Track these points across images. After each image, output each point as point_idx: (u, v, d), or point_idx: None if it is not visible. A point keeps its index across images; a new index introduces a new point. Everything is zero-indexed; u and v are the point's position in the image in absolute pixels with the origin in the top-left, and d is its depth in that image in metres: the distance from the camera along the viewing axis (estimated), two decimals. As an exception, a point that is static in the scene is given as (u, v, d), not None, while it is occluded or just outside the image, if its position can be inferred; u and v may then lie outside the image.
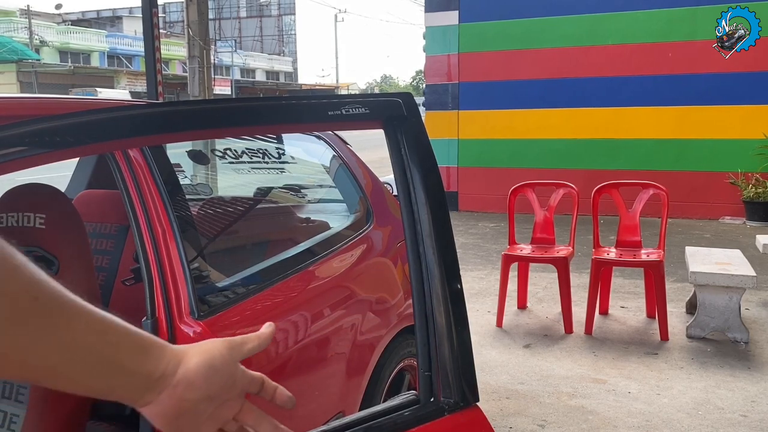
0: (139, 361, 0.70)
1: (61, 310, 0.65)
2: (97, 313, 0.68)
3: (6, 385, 1.56)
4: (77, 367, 0.66)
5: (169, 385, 0.72)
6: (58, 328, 0.64)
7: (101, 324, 0.68)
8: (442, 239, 1.09)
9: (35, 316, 0.62)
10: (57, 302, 0.65)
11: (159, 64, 8.88)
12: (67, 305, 0.65)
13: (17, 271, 0.62)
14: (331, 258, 2.38)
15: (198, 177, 3.22)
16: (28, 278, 0.63)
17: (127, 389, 0.71)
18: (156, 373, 0.71)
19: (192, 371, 0.73)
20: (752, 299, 5.18)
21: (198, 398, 0.74)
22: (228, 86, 35.69)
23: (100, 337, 0.67)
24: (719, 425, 3.27)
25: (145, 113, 1.02)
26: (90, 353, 0.66)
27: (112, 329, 0.69)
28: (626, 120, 9.45)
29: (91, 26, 43.46)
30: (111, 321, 0.69)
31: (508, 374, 3.92)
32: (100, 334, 0.67)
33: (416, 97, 2.25)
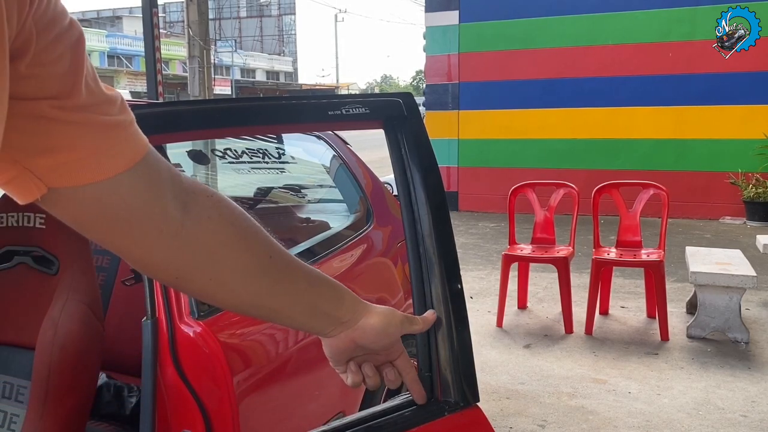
0: (335, 308, 0.91)
1: (288, 267, 0.86)
2: (310, 269, 0.89)
3: (6, 385, 1.56)
4: (296, 309, 0.89)
5: (349, 328, 0.92)
6: (284, 281, 0.85)
7: (313, 278, 0.89)
8: (442, 239, 1.09)
9: (271, 269, 0.83)
10: (285, 260, 0.85)
11: (159, 64, 8.88)
12: (291, 262, 0.86)
13: (259, 235, 0.83)
14: (331, 258, 2.38)
15: (198, 177, 3.22)
16: (265, 240, 0.83)
17: (323, 326, 0.92)
18: (344, 318, 0.92)
19: (369, 326, 0.93)
20: (752, 299, 5.18)
21: (364, 345, 0.94)
22: (228, 86, 35.70)
23: (312, 288, 0.88)
24: (719, 425, 3.27)
25: (146, 113, 1.02)
26: (304, 299, 0.88)
27: (319, 281, 0.89)
28: (626, 120, 9.44)
29: (91, 26, 43.45)
30: (318, 275, 0.90)
31: (509, 374, 3.92)
32: (312, 285, 0.88)
33: (416, 97, 2.24)
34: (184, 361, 1.56)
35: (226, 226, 0.79)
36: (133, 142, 0.70)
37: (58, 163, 0.66)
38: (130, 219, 0.71)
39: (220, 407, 1.60)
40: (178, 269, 0.77)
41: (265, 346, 1.95)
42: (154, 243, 0.74)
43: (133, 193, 0.70)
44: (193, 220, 0.75)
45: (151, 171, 0.72)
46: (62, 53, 0.63)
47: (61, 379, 1.44)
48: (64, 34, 0.63)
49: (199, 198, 0.77)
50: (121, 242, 0.74)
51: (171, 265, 0.77)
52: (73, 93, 0.64)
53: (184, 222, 0.74)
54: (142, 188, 0.71)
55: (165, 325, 1.58)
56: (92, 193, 0.68)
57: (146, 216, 0.72)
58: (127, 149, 0.69)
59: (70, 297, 1.49)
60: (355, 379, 0.96)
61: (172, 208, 0.73)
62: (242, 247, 0.80)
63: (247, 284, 0.82)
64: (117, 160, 0.68)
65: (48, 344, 1.46)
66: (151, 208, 0.72)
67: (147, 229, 0.73)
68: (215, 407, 1.58)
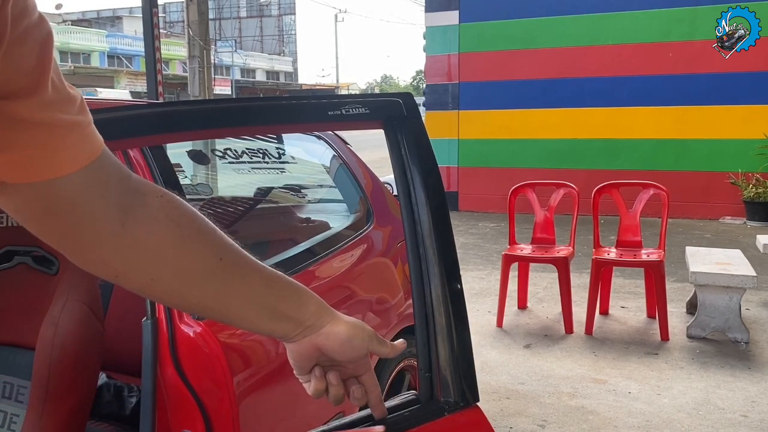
0: (296, 310, 0.87)
1: (239, 269, 0.82)
2: (269, 271, 0.85)
3: (6, 385, 1.56)
4: (251, 311, 0.84)
5: (313, 333, 0.88)
6: (235, 283, 0.82)
7: (271, 280, 0.85)
8: (442, 239, 1.09)
9: (220, 272, 0.80)
10: (238, 262, 0.82)
11: (159, 64, 8.88)
12: (246, 264, 0.83)
13: (209, 237, 0.80)
14: (331, 258, 2.38)
15: (198, 177, 3.22)
16: (216, 242, 0.80)
17: (285, 329, 0.88)
18: (308, 321, 0.88)
19: (334, 333, 0.89)
20: (752, 299, 5.18)
21: (328, 354, 0.90)
22: (228, 86, 35.68)
23: (269, 289, 0.85)
24: (720, 425, 3.27)
25: (146, 113, 1.02)
26: (260, 301, 0.84)
27: (278, 283, 0.86)
28: (626, 120, 9.44)
29: (92, 26, 43.46)
30: (278, 276, 0.86)
31: (509, 374, 3.92)
32: (269, 287, 0.85)
33: (416, 97, 2.24)
34: (184, 361, 1.56)
35: (171, 227, 0.77)
36: (88, 142, 0.70)
37: (13, 159, 0.66)
38: (72, 216, 0.72)
39: (220, 407, 1.60)
40: (117, 268, 0.77)
41: (265, 346, 1.95)
42: (93, 240, 0.74)
43: (80, 192, 0.71)
44: (137, 220, 0.75)
45: (102, 171, 0.72)
46: (31, 48, 0.62)
47: (61, 379, 1.44)
48: (34, 28, 0.63)
49: (147, 199, 0.77)
50: (59, 238, 0.74)
51: (109, 263, 0.76)
52: (38, 90, 0.64)
53: (126, 222, 0.74)
54: (90, 187, 0.71)
55: (165, 325, 1.58)
56: (41, 190, 0.68)
57: (88, 214, 0.72)
58: (81, 149, 0.69)
59: (70, 297, 1.49)
60: (318, 385, 0.91)
61: (115, 208, 0.74)
62: (187, 249, 0.78)
63: (191, 287, 0.80)
64: (71, 159, 0.68)
65: (48, 344, 1.46)
66: (94, 207, 0.72)
67: (86, 227, 0.73)
68: (215, 407, 1.58)
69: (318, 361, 0.91)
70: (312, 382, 0.92)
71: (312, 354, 0.90)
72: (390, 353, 0.95)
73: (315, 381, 0.91)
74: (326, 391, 0.92)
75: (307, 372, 0.92)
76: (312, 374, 0.91)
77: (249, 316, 0.86)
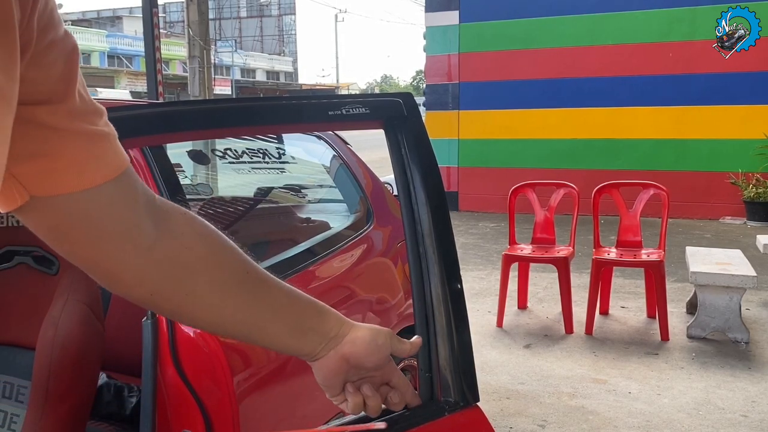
0: (319, 322, 0.87)
1: (264, 283, 0.84)
2: (287, 285, 0.87)
3: (6, 385, 1.56)
4: (279, 325, 0.85)
5: (339, 344, 0.88)
6: (263, 295, 0.84)
7: (292, 294, 0.86)
8: (442, 239, 1.09)
9: (248, 283, 0.82)
10: (261, 275, 0.84)
11: (159, 64, 8.88)
12: (267, 279, 0.84)
13: (233, 251, 0.82)
14: (331, 258, 2.38)
15: (198, 177, 3.22)
16: (240, 256, 0.82)
17: (311, 345, 0.87)
18: (331, 332, 0.88)
19: (359, 338, 0.89)
20: (753, 299, 5.18)
21: (356, 362, 0.89)
22: (228, 86, 35.69)
23: (292, 303, 0.86)
24: (720, 425, 3.27)
25: (146, 113, 1.02)
26: (286, 314, 0.85)
27: (299, 297, 0.87)
28: (626, 120, 9.44)
29: (92, 26, 43.46)
30: (297, 291, 0.87)
31: (509, 374, 3.92)
32: (292, 301, 0.86)
33: (416, 97, 2.24)
34: (184, 361, 1.56)
35: (199, 241, 0.79)
36: (115, 154, 0.71)
37: (44, 169, 0.66)
38: (104, 231, 0.71)
39: (220, 407, 1.60)
40: (154, 285, 0.77)
41: (265, 346, 1.95)
42: (128, 257, 0.73)
43: (111, 205, 0.70)
44: (167, 235, 0.76)
45: (129, 185, 0.73)
46: (56, 58, 0.63)
47: (61, 379, 1.44)
48: (60, 41, 0.64)
49: (173, 214, 0.78)
50: (92, 254, 0.73)
51: (145, 280, 0.76)
52: (65, 100, 0.65)
53: (158, 236, 0.75)
54: (120, 201, 0.71)
55: (165, 325, 1.58)
56: (71, 203, 0.68)
57: (121, 229, 0.72)
58: (109, 161, 0.70)
59: (70, 297, 1.49)
60: (355, 400, 0.90)
61: (147, 223, 0.74)
62: (217, 261, 0.80)
63: (225, 297, 0.81)
64: (100, 170, 0.69)
65: (48, 344, 1.46)
66: (126, 221, 0.72)
67: (121, 242, 0.72)
68: (215, 407, 1.58)
69: (347, 377, 0.91)
70: (349, 399, 0.91)
71: (340, 368, 0.89)
72: (410, 351, 0.96)
73: (351, 397, 0.91)
74: (364, 405, 0.92)
75: (339, 391, 0.92)
76: (345, 392, 0.91)
77: (278, 331, 0.86)
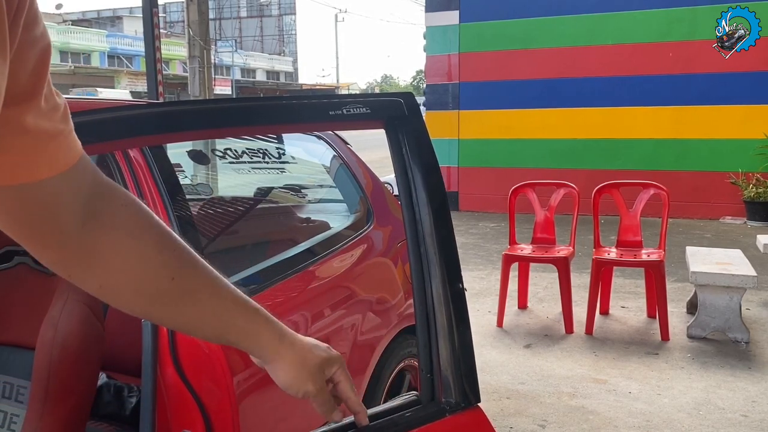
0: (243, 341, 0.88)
1: (191, 294, 0.83)
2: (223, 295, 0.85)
3: (6, 385, 1.55)
4: (201, 334, 0.89)
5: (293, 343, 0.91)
6: (187, 306, 0.83)
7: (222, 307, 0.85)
8: (443, 239, 1.09)
9: (169, 292, 0.82)
10: (190, 285, 0.83)
11: (159, 64, 8.88)
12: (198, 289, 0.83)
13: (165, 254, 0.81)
14: (331, 258, 2.37)
15: (198, 177, 3.22)
16: (171, 261, 0.81)
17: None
18: (254, 354, 0.90)
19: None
20: (753, 299, 5.18)
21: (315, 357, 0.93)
22: (228, 86, 35.68)
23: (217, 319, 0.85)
24: (720, 425, 3.26)
25: (146, 113, 1.02)
26: (207, 329, 0.86)
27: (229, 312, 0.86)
28: (627, 120, 9.44)
29: (92, 26, 43.46)
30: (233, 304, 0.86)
31: (509, 374, 3.92)
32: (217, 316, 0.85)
33: (417, 96, 2.24)
34: (184, 361, 1.56)
35: (127, 239, 0.79)
36: (67, 150, 0.72)
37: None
38: (40, 217, 0.74)
39: (220, 407, 1.60)
40: (68, 268, 0.80)
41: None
42: (56, 241, 0.76)
43: (51, 196, 0.73)
44: (96, 226, 0.77)
45: (75, 178, 0.74)
46: (30, 56, 0.64)
47: (61, 379, 1.44)
48: (38, 38, 0.64)
49: (113, 206, 0.79)
50: (27, 237, 0.77)
51: (61, 263, 0.79)
52: (35, 96, 0.66)
53: (85, 224, 0.76)
54: (61, 193, 0.74)
55: (165, 325, 1.58)
56: (15, 192, 0.70)
57: (55, 217, 0.75)
58: (59, 157, 0.71)
59: (70, 297, 1.49)
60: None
61: (80, 214, 0.76)
62: (139, 264, 0.80)
63: (138, 300, 0.82)
64: (48, 166, 0.70)
65: (48, 344, 1.45)
66: (61, 210, 0.75)
67: (52, 229, 0.75)
68: (215, 407, 1.58)
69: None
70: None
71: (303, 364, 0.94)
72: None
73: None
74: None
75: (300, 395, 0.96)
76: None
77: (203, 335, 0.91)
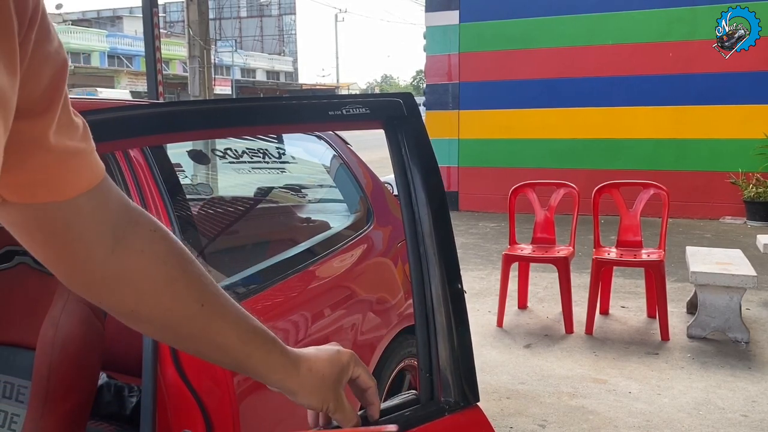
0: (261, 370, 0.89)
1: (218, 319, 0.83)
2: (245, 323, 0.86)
3: (6, 385, 1.56)
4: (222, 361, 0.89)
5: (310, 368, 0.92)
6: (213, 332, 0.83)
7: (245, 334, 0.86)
8: (442, 239, 1.09)
9: (198, 318, 0.82)
10: (217, 311, 0.83)
11: (159, 63, 8.88)
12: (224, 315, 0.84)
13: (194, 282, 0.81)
14: (331, 258, 2.38)
15: (198, 177, 3.22)
16: (201, 288, 0.82)
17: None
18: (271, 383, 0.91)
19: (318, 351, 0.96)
20: (753, 299, 5.18)
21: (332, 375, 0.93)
22: (228, 86, 35.68)
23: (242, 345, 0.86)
24: (720, 425, 3.27)
25: (146, 113, 1.02)
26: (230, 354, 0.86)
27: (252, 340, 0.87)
28: (627, 120, 9.44)
29: (92, 26, 43.47)
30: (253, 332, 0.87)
31: (509, 374, 3.92)
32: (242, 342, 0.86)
33: (417, 97, 2.24)
34: (184, 360, 1.56)
35: (156, 264, 0.79)
36: (89, 169, 0.71)
37: (19, 181, 0.67)
38: (65, 238, 0.73)
39: (221, 407, 1.60)
40: (99, 293, 0.79)
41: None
42: (83, 264, 0.75)
43: (76, 217, 0.72)
44: (125, 250, 0.77)
45: (100, 199, 0.74)
46: (48, 71, 0.64)
47: (62, 379, 1.44)
48: (54, 54, 0.64)
49: (140, 231, 0.78)
50: (52, 258, 0.76)
51: (92, 288, 0.78)
52: (50, 111, 0.65)
53: (115, 249, 0.76)
54: (86, 213, 0.73)
55: (165, 325, 1.58)
56: (39, 210, 0.70)
57: (81, 238, 0.74)
58: (82, 176, 0.71)
59: (70, 297, 1.49)
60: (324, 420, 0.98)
61: (108, 236, 0.75)
62: (168, 289, 0.80)
63: (166, 326, 0.82)
64: (71, 185, 0.70)
65: (48, 344, 1.45)
66: (87, 232, 0.74)
67: (78, 251, 0.74)
68: (215, 407, 1.58)
69: None
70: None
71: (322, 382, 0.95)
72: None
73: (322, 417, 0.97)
74: None
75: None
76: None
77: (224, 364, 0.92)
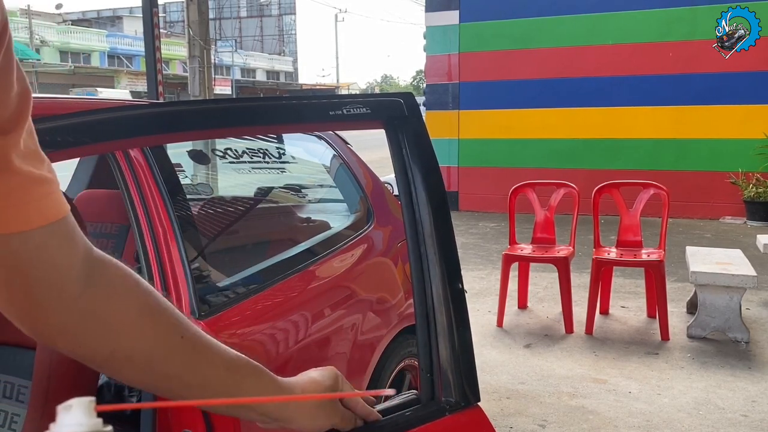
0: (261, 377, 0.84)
1: (202, 349, 0.80)
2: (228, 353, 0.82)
3: (7, 385, 1.56)
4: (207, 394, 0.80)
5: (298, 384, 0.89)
6: (201, 363, 0.79)
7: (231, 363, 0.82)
8: (443, 239, 1.09)
9: (182, 349, 0.78)
10: (199, 341, 0.79)
11: (159, 63, 8.88)
12: (206, 345, 0.80)
13: (167, 313, 0.77)
14: (331, 258, 2.38)
15: (198, 177, 3.22)
16: (176, 320, 0.78)
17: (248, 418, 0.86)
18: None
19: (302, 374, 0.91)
20: (753, 299, 5.18)
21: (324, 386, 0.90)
22: (228, 86, 35.68)
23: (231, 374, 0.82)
24: (720, 425, 3.27)
25: (146, 113, 1.02)
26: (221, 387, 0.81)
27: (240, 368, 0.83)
28: (627, 120, 9.45)
29: (92, 26, 43.48)
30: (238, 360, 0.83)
31: (509, 374, 3.92)
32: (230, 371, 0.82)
33: (417, 96, 2.24)
34: (184, 361, 1.56)
35: (129, 298, 0.75)
36: (55, 201, 0.67)
37: None
38: (31, 275, 0.68)
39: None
40: (77, 336, 0.73)
41: (266, 345, 1.95)
42: (55, 303, 0.70)
43: (43, 249, 0.67)
44: (97, 287, 0.72)
45: (67, 232, 0.69)
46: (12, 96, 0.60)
47: (62, 379, 1.44)
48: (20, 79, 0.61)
49: (108, 269, 0.75)
50: (17, 299, 0.70)
51: (69, 330, 0.72)
52: (13, 133, 0.61)
53: (87, 287, 0.71)
54: (54, 246, 0.68)
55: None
56: (3, 243, 0.65)
57: (51, 273, 0.69)
58: (48, 206, 0.66)
59: (70, 297, 1.49)
60: None
61: (79, 271, 0.71)
62: (148, 321, 0.76)
63: (151, 360, 0.77)
64: (38, 214, 0.65)
65: (48, 344, 1.45)
66: (57, 266, 0.69)
67: (47, 288, 0.69)
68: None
69: None
70: None
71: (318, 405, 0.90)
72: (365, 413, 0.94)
73: None
74: None
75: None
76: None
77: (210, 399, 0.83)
